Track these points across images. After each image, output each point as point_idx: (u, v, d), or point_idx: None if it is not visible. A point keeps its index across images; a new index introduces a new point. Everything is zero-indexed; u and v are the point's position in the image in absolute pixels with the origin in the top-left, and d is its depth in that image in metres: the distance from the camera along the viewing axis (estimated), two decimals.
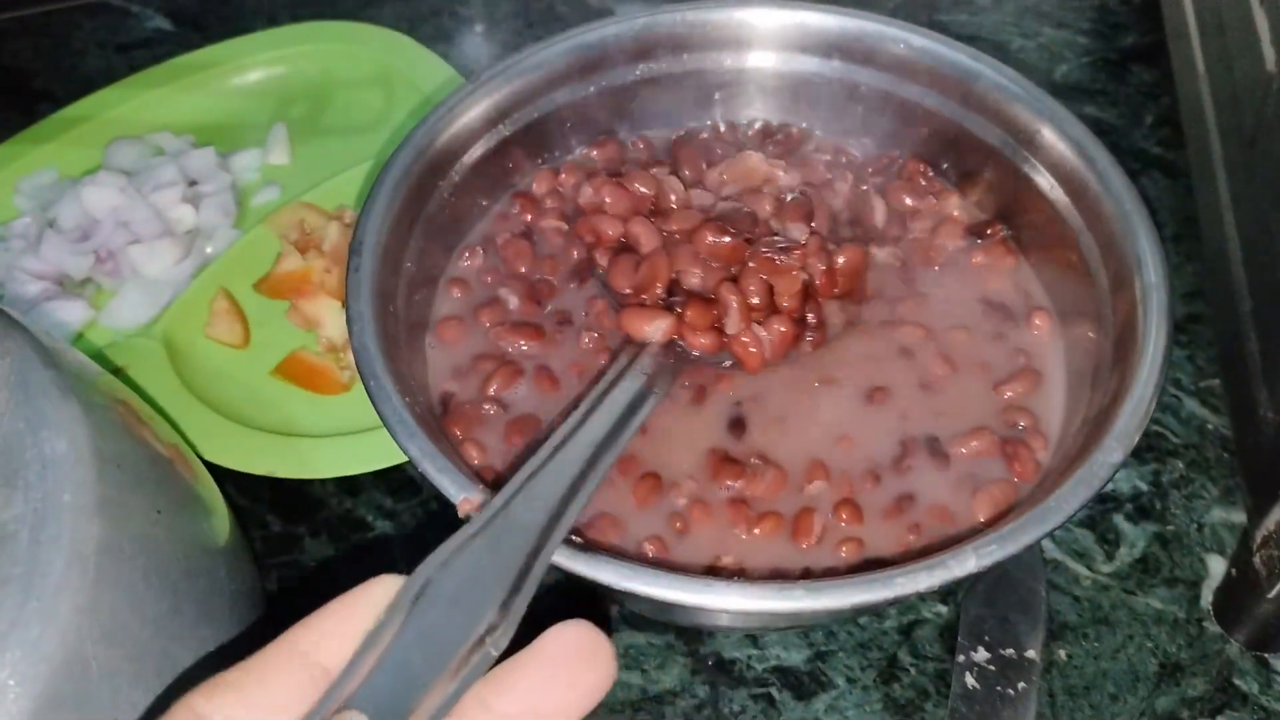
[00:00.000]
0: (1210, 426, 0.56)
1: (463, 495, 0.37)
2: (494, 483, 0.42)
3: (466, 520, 0.34)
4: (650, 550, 0.41)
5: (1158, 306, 0.42)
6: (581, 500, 0.35)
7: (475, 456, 0.43)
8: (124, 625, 0.34)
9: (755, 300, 0.44)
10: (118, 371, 0.54)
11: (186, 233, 0.61)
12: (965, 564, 0.36)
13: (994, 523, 0.41)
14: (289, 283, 0.58)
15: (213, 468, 0.49)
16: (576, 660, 0.27)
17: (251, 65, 0.71)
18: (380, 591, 0.28)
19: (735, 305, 0.44)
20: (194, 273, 0.60)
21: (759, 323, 0.44)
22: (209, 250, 0.61)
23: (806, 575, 0.41)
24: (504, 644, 0.28)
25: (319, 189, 0.62)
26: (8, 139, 0.66)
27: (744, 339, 0.44)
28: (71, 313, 0.58)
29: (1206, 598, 0.50)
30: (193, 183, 0.63)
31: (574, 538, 0.38)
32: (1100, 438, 0.39)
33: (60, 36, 0.77)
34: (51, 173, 0.64)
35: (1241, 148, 0.53)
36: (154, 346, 0.56)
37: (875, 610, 0.49)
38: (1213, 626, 0.49)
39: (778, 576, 0.41)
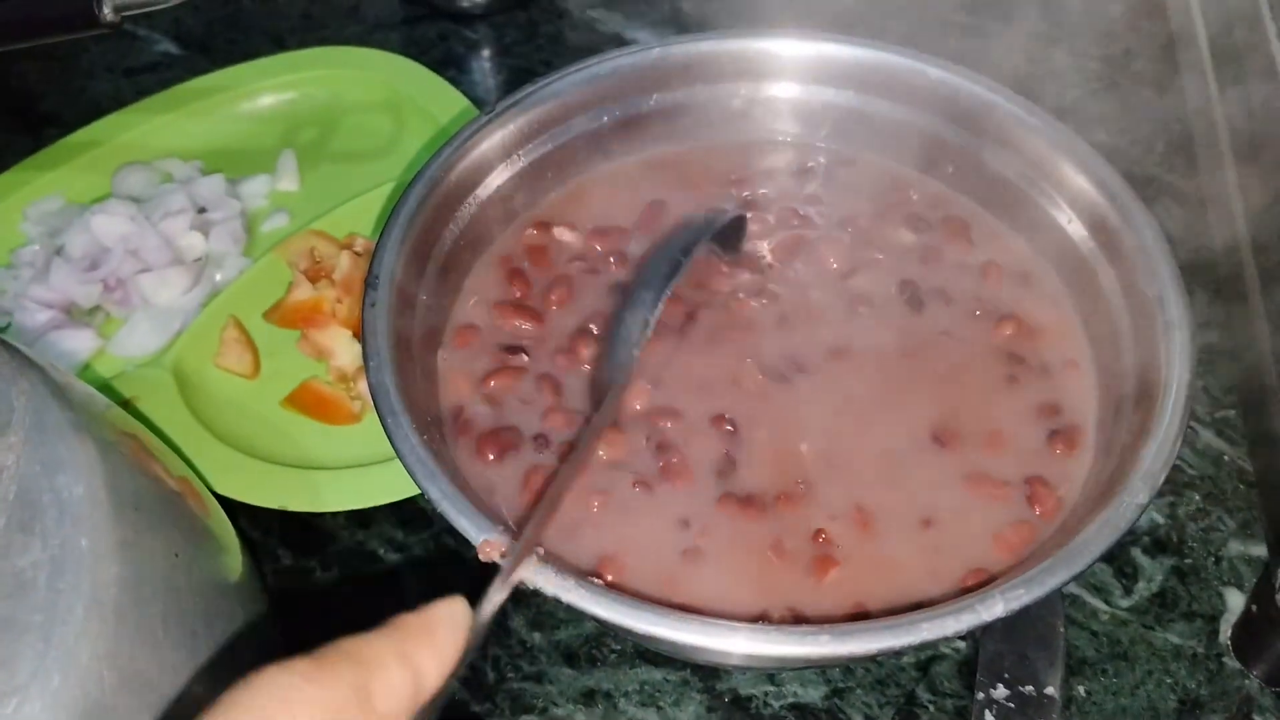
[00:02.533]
0: (1226, 458, 0.55)
1: (483, 537, 0.37)
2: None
3: (489, 562, 0.34)
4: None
5: (1180, 345, 0.42)
6: None
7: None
8: (143, 672, 0.33)
9: None
10: (127, 403, 0.54)
11: (196, 261, 0.61)
12: (993, 609, 0.36)
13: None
14: (300, 312, 0.57)
15: (223, 500, 0.49)
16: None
17: (260, 90, 0.71)
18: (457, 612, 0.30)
19: None
20: (203, 301, 0.60)
21: None
22: (218, 278, 0.61)
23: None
24: None
25: (329, 216, 0.62)
26: (15, 164, 0.66)
27: None
28: (80, 342, 0.58)
29: (1225, 632, 0.50)
30: (202, 210, 0.63)
31: (594, 579, 0.37)
32: (1125, 478, 0.39)
33: (67, 59, 0.76)
34: (59, 199, 0.64)
35: (1259, 177, 0.53)
36: (163, 377, 0.55)
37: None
38: (1232, 662, 0.49)
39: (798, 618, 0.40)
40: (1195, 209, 0.65)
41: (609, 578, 0.41)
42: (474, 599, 0.44)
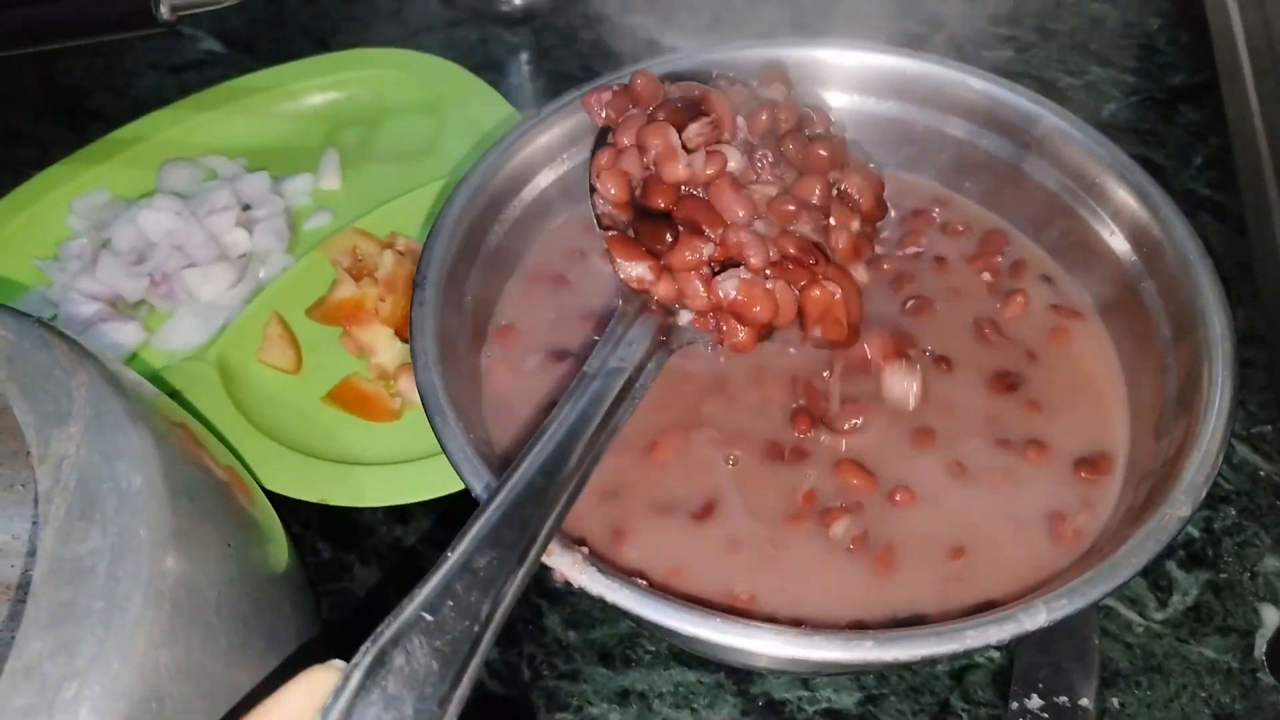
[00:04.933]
0: (1263, 473, 0.55)
1: None
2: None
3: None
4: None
5: (1223, 358, 0.42)
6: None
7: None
8: (197, 660, 0.34)
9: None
10: (173, 395, 0.54)
11: (240, 257, 0.62)
12: (1036, 618, 0.36)
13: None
14: (343, 310, 0.58)
15: (265, 494, 0.50)
16: None
17: (304, 90, 0.72)
18: (316, 684, 0.29)
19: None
20: (247, 297, 0.60)
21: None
22: (262, 275, 0.62)
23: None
24: None
25: (371, 215, 0.63)
26: (61, 159, 0.67)
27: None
28: (125, 334, 0.59)
29: (1260, 648, 0.50)
30: (246, 207, 0.64)
31: (639, 580, 0.38)
32: (1168, 491, 0.39)
33: (113, 56, 0.77)
34: (105, 193, 0.65)
35: None
36: (207, 370, 0.56)
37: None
38: (1267, 678, 0.49)
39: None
40: (1234, 223, 0.65)
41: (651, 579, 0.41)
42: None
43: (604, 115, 0.47)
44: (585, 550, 0.38)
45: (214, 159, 0.67)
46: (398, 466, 0.53)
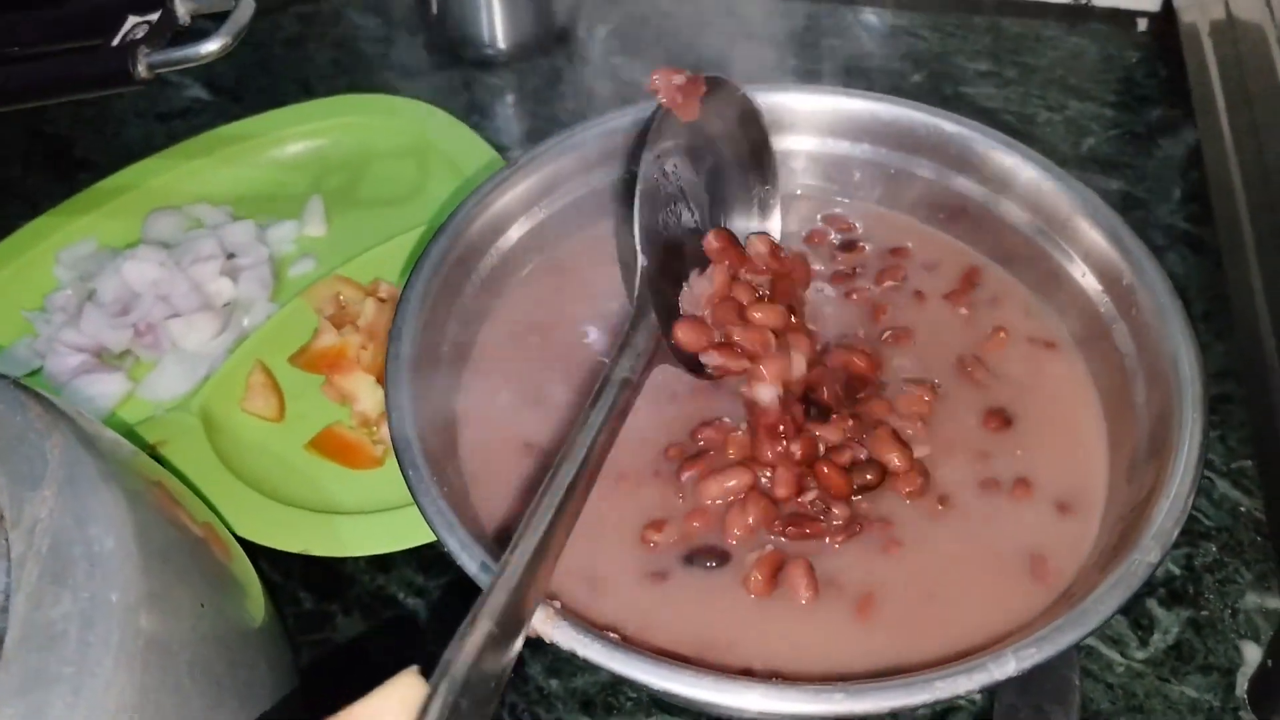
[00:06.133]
0: (1243, 509, 0.55)
1: None
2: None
3: None
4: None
5: (1192, 402, 0.42)
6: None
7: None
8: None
9: None
10: (156, 446, 0.55)
11: (224, 306, 0.62)
12: (1005, 667, 0.36)
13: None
14: (325, 358, 0.58)
15: (246, 543, 0.50)
16: None
17: (289, 137, 0.72)
18: (408, 695, 0.29)
19: None
20: (231, 346, 0.61)
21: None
22: (246, 323, 0.62)
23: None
24: None
25: (354, 262, 0.63)
26: (48, 209, 0.67)
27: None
28: (110, 385, 0.59)
29: (1242, 686, 0.50)
30: (231, 255, 0.64)
31: (610, 634, 0.38)
32: (1138, 536, 0.39)
33: (100, 105, 0.78)
34: (91, 243, 0.66)
35: (1273, 226, 0.53)
36: (190, 420, 0.56)
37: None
38: (1249, 716, 0.49)
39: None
40: (1213, 256, 0.65)
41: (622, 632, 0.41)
42: None
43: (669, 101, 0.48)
44: (558, 604, 0.38)
45: (199, 207, 0.68)
46: (379, 515, 0.53)
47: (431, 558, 0.54)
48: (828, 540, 0.43)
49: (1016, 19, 0.83)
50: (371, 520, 0.53)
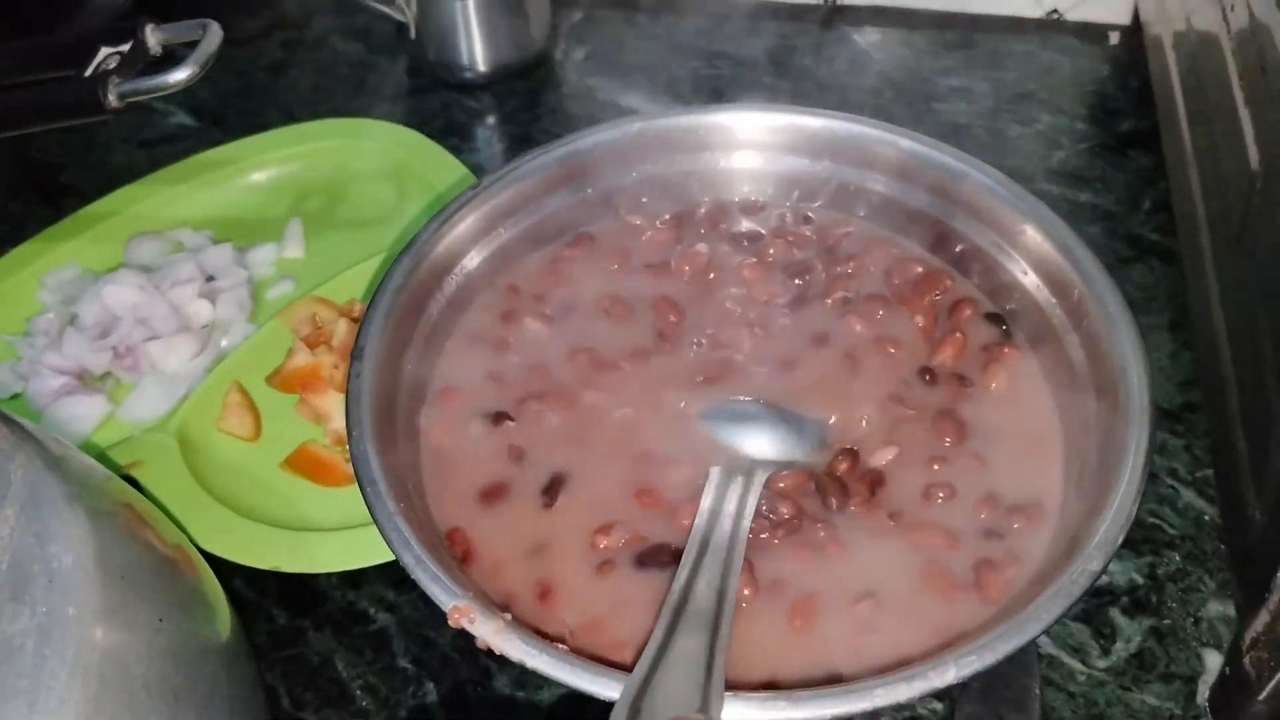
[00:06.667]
0: (1207, 518, 0.56)
1: (453, 604, 0.39)
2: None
3: (458, 628, 0.36)
4: None
5: (1139, 414, 0.43)
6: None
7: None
8: None
9: None
10: (132, 466, 0.56)
11: (203, 328, 0.63)
12: (945, 675, 0.37)
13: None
14: (299, 377, 0.59)
15: (219, 561, 0.51)
16: None
17: (269, 162, 0.74)
18: None
19: None
20: (209, 367, 0.62)
21: None
22: (224, 344, 0.63)
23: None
24: None
25: (331, 283, 0.64)
26: (34, 234, 0.69)
27: None
28: (91, 407, 0.60)
29: (1203, 694, 0.50)
30: (210, 278, 0.66)
31: (558, 645, 0.39)
32: (1082, 545, 0.40)
33: (86, 131, 0.80)
34: (75, 268, 0.67)
35: (1229, 241, 0.54)
36: (168, 441, 0.58)
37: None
38: None
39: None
40: (1180, 266, 0.65)
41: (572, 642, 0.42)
42: (457, 651, 0.46)
43: None
44: (509, 616, 0.39)
45: (181, 232, 0.69)
46: (350, 531, 0.54)
47: (402, 573, 0.54)
48: (766, 536, 0.44)
49: (988, 34, 0.84)
50: (342, 537, 0.53)
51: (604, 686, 0.36)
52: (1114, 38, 0.83)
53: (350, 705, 0.51)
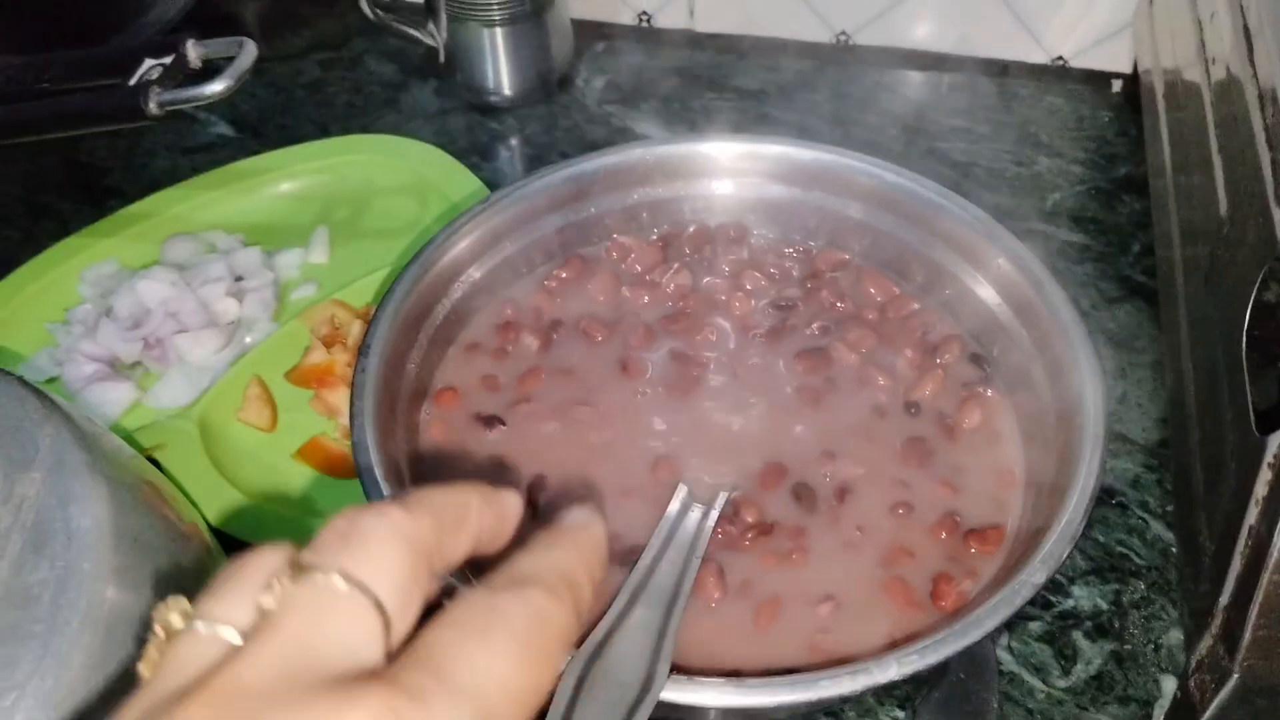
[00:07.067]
0: (1174, 550, 0.58)
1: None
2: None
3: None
4: None
5: (1093, 439, 0.45)
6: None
7: None
8: (127, 683, 0.38)
9: None
10: (154, 449, 0.59)
11: (229, 324, 0.67)
12: (887, 671, 0.39)
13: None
14: (314, 373, 0.63)
15: (230, 541, 0.54)
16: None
17: (300, 172, 0.78)
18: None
19: None
20: (232, 360, 0.66)
21: None
22: (248, 340, 0.67)
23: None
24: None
25: (350, 288, 0.68)
26: (77, 231, 0.73)
27: None
28: (120, 393, 0.64)
29: (1158, 718, 0.52)
30: (239, 278, 0.69)
31: None
32: (1028, 558, 0.42)
33: (133, 138, 0.84)
34: (113, 264, 0.71)
35: (1200, 283, 0.56)
36: (189, 428, 0.61)
37: (820, 709, 0.51)
38: None
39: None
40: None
41: None
42: None
43: None
44: None
45: (214, 234, 0.73)
46: None
47: None
48: (737, 536, 0.47)
49: (994, 78, 0.87)
50: None
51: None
52: (1116, 85, 0.85)
53: None
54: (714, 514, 0.47)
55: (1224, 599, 0.43)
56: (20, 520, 0.39)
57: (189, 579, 0.45)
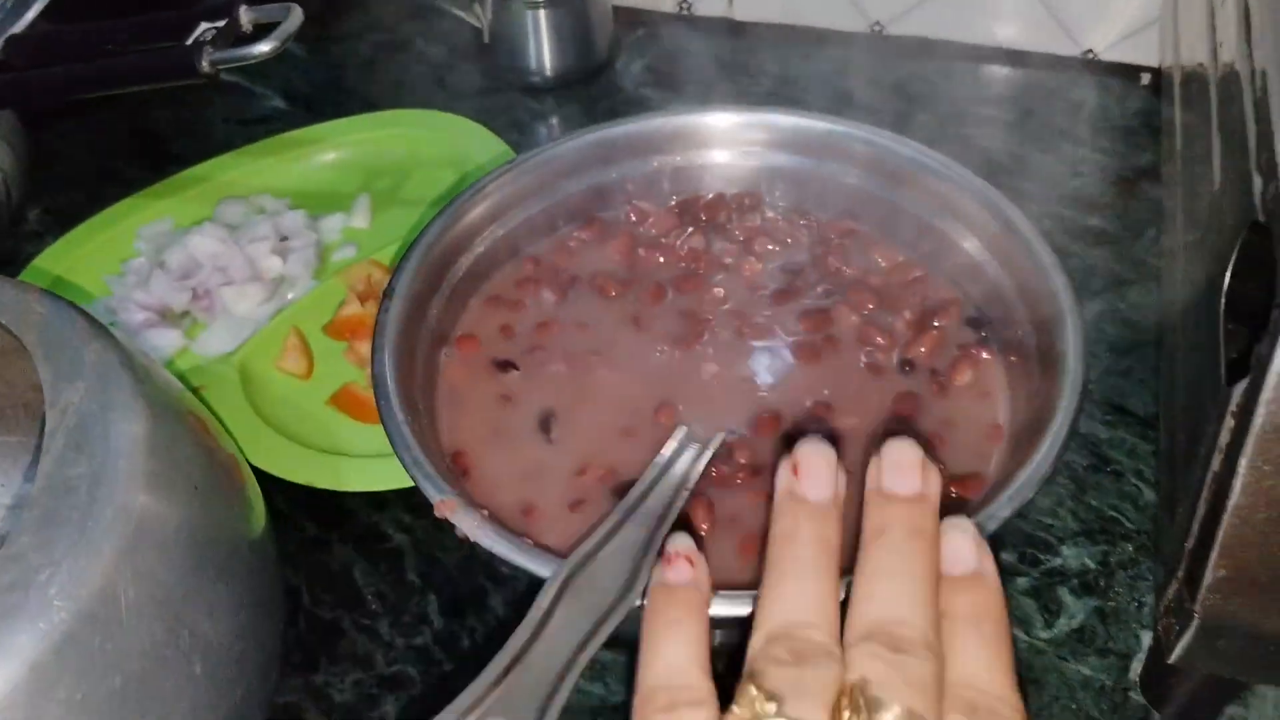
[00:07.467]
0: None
1: (440, 498, 0.45)
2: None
3: (444, 520, 0.42)
4: None
5: (1070, 390, 0.47)
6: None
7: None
8: (152, 569, 0.42)
9: None
10: (198, 390, 0.64)
11: (272, 279, 0.72)
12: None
13: None
14: (348, 325, 0.67)
15: (264, 477, 0.58)
16: None
17: (347, 143, 0.82)
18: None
19: None
20: (274, 313, 0.70)
21: None
22: (290, 296, 0.71)
23: None
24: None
25: (387, 249, 0.72)
26: (136, 193, 0.78)
27: None
28: (169, 339, 0.69)
29: (1135, 670, 0.53)
30: (284, 238, 0.74)
31: (524, 539, 0.45)
32: (997, 495, 0.44)
33: (196, 109, 0.90)
34: (168, 223, 0.76)
35: (1194, 259, 0.57)
36: (231, 372, 0.65)
37: None
38: (1137, 697, 0.52)
39: None
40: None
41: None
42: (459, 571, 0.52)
43: None
44: (486, 513, 0.45)
45: (263, 198, 0.78)
46: (377, 459, 0.61)
47: (420, 500, 0.61)
48: (729, 473, 0.49)
49: (1024, 69, 0.88)
50: (369, 463, 0.61)
51: (535, 563, 0.42)
52: (1145, 79, 0.86)
53: (362, 607, 0.57)
54: (708, 453, 0.49)
55: (1189, 544, 0.44)
56: (64, 422, 0.43)
57: (224, 498, 0.48)
